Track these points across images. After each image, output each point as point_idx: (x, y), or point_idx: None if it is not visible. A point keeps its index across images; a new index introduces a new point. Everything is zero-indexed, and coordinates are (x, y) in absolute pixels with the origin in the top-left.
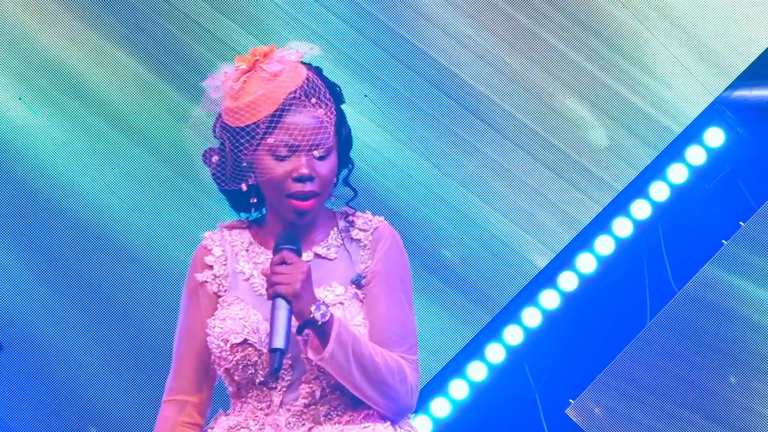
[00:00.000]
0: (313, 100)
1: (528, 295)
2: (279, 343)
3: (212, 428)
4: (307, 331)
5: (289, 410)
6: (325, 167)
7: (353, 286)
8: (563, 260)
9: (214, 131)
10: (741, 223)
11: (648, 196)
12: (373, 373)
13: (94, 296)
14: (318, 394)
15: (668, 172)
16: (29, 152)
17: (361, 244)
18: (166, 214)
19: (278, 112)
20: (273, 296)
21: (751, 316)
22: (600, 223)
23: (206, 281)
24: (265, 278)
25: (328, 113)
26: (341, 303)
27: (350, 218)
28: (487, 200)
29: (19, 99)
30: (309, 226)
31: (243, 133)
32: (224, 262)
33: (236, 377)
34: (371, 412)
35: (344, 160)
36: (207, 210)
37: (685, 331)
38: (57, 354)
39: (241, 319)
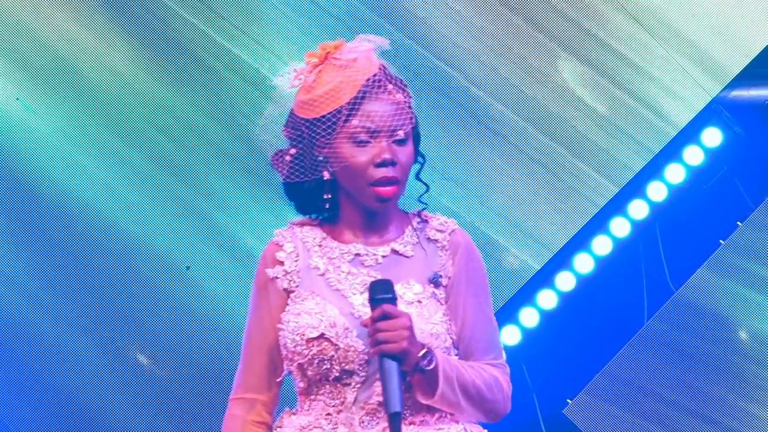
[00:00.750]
0: (390, 86)
1: (525, 295)
2: (397, 406)
3: (281, 427)
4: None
5: (363, 408)
6: (404, 153)
7: (431, 285)
8: (560, 260)
9: (285, 129)
10: (738, 223)
11: (645, 197)
12: (476, 397)
13: (94, 297)
14: None
15: (666, 172)
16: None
17: (439, 245)
18: (162, 217)
19: (359, 97)
20: (380, 356)
21: (748, 315)
22: (597, 224)
23: (277, 277)
24: (342, 273)
25: (407, 98)
26: (419, 301)
27: (423, 217)
28: (484, 200)
29: (17, 99)
30: (384, 220)
31: (321, 123)
32: (296, 259)
33: (309, 373)
34: (444, 413)
35: (416, 153)
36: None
37: (682, 330)
38: (57, 355)
39: (317, 313)
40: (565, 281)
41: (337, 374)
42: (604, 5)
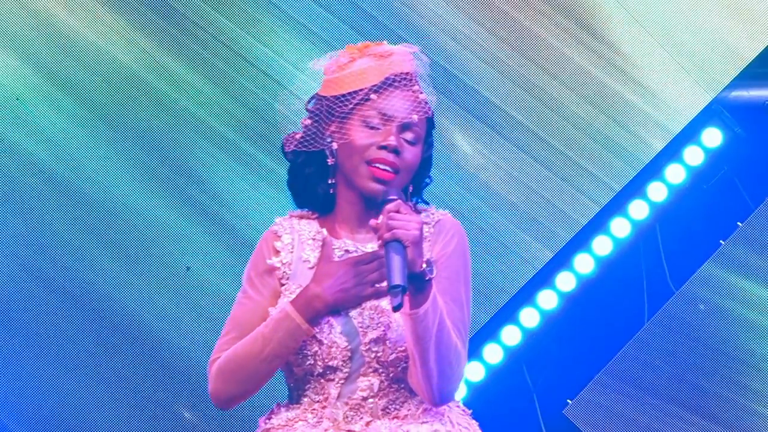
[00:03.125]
0: (416, 87)
1: (526, 295)
2: (399, 279)
3: (271, 419)
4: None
5: (347, 403)
6: (410, 152)
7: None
8: (561, 261)
9: (307, 105)
10: (739, 223)
11: (646, 197)
12: (444, 349)
13: (94, 297)
14: (377, 386)
15: (666, 173)
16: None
17: (425, 235)
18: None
19: (383, 85)
20: (389, 240)
21: (747, 314)
22: (598, 224)
23: (276, 266)
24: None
25: (428, 103)
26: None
27: (416, 210)
28: (485, 200)
29: (17, 99)
30: (374, 214)
31: (339, 100)
32: (291, 250)
33: (295, 368)
34: (429, 407)
35: (424, 171)
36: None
37: (682, 330)
38: (56, 354)
39: None
40: (566, 281)
41: (321, 370)
42: (606, 5)
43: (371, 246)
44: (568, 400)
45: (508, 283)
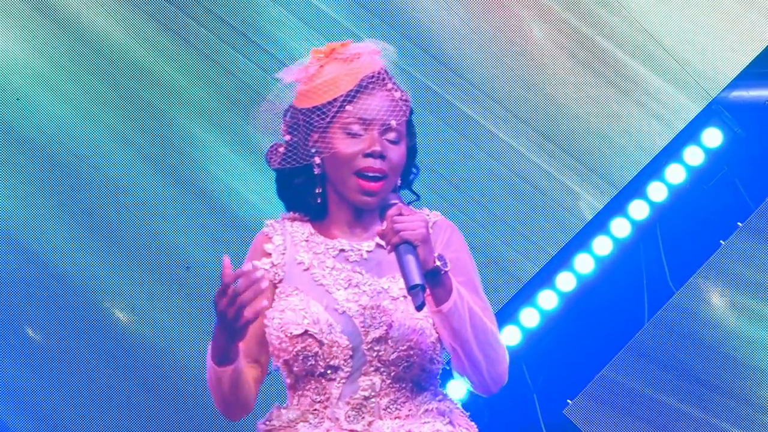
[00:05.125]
0: (389, 85)
1: (526, 295)
2: (416, 279)
3: (270, 421)
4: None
5: (348, 403)
6: (395, 152)
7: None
8: (561, 261)
9: (283, 120)
10: (739, 223)
11: (646, 197)
12: (482, 334)
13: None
14: (378, 386)
15: (666, 173)
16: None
17: None
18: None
19: (356, 90)
20: (398, 243)
21: (747, 315)
22: (598, 224)
23: (265, 269)
24: (327, 269)
25: (404, 97)
26: (404, 296)
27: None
28: (485, 201)
29: (17, 100)
30: (370, 216)
31: (316, 112)
32: (283, 252)
33: (295, 369)
34: (430, 406)
35: (409, 163)
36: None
37: (682, 330)
38: (56, 354)
39: (301, 310)
40: (566, 281)
41: (322, 370)
42: (605, 4)
43: (366, 245)
44: (568, 400)
45: (507, 284)
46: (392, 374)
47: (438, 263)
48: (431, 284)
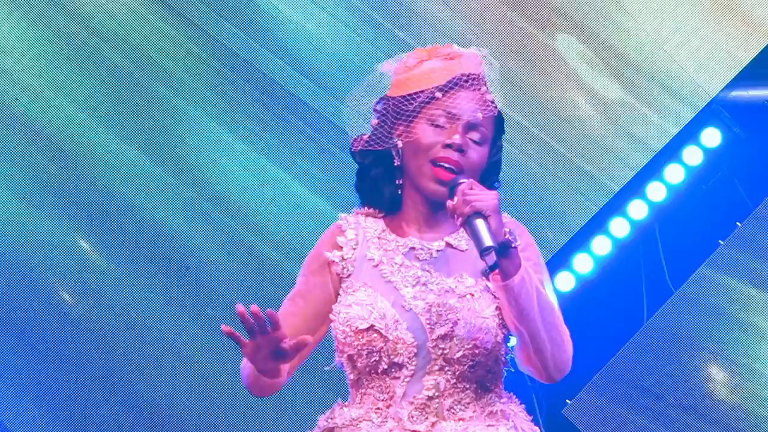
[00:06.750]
0: (483, 89)
1: None
2: (489, 241)
3: (332, 419)
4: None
5: (411, 403)
6: (476, 152)
7: (484, 278)
8: (560, 261)
9: (375, 107)
10: (738, 223)
11: (645, 197)
12: (548, 315)
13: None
14: (443, 386)
15: (665, 173)
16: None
17: None
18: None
19: (449, 85)
20: (469, 215)
21: (747, 315)
22: (597, 224)
23: (334, 261)
24: (395, 266)
25: (495, 105)
26: (471, 294)
27: None
28: None
29: (16, 100)
30: (442, 215)
31: (407, 100)
32: (354, 246)
33: (359, 364)
34: (495, 408)
35: (492, 172)
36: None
37: (681, 331)
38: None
39: (368, 305)
40: (565, 281)
41: (386, 366)
42: (604, 5)
43: (437, 244)
44: (568, 400)
45: None
46: (457, 374)
47: (509, 237)
48: (500, 256)
